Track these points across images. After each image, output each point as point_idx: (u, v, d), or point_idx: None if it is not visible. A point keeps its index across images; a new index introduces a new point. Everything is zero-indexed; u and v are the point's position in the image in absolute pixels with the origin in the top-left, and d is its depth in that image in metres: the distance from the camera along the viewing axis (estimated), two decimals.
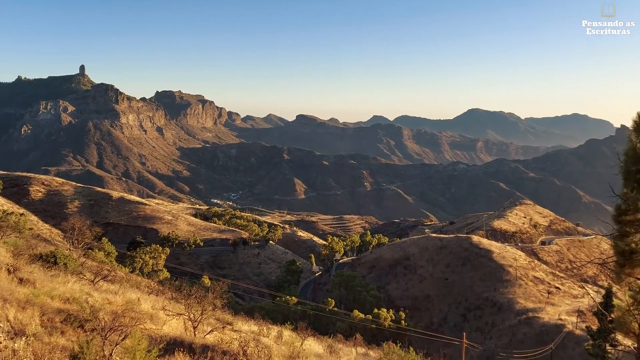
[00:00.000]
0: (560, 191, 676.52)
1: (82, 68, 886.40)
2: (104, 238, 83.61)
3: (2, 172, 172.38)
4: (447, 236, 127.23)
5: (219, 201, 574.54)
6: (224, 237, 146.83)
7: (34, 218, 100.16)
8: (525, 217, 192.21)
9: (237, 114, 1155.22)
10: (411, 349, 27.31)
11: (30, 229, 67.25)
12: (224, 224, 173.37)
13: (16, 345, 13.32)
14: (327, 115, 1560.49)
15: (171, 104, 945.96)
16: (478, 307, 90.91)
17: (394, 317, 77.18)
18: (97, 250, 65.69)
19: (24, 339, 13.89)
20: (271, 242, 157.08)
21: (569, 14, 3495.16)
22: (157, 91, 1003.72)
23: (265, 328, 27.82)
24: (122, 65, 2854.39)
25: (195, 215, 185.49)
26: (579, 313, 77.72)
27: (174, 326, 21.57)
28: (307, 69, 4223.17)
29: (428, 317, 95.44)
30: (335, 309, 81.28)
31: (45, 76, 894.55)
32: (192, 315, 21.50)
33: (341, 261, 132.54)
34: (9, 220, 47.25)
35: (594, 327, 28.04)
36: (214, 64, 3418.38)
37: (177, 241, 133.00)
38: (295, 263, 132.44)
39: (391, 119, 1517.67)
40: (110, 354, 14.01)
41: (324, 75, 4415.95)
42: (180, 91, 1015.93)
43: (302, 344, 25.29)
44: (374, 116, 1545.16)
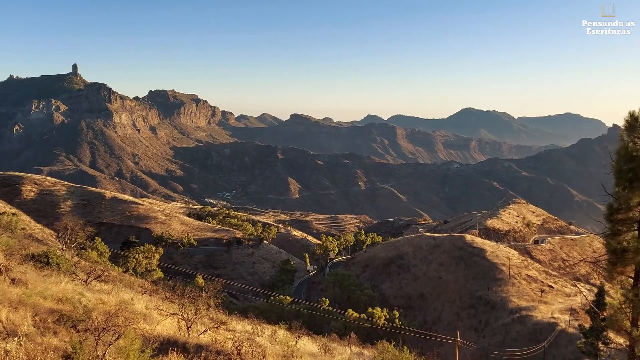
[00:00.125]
0: (553, 190, 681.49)
1: (74, 67, 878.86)
2: (97, 238, 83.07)
3: None
4: (440, 235, 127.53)
5: (212, 200, 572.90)
6: (217, 236, 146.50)
7: (26, 218, 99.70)
8: (519, 216, 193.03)
9: (231, 113, 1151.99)
10: (405, 347, 27.35)
11: (23, 228, 66.82)
12: (218, 224, 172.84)
13: (8, 345, 13.24)
14: (321, 114, 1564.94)
15: (164, 103, 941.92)
16: (471, 306, 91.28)
17: (388, 316, 77.39)
18: (90, 250, 65.45)
19: (17, 339, 13.82)
20: (265, 241, 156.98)
21: (564, 14, 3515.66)
22: (150, 90, 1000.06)
23: (259, 327, 27.77)
24: (115, 64, 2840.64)
25: (189, 215, 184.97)
26: (572, 311, 78.21)
27: (167, 326, 21.50)
28: (301, 68, 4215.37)
29: (422, 315, 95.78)
30: (330, 308, 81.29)
31: (37, 75, 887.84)
32: (185, 315, 21.44)
33: (335, 260, 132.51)
34: (0, 220, 46.95)
35: (586, 325, 28.22)
36: (207, 63, 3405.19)
37: (170, 241, 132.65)
38: (289, 262, 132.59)
39: (385, 118, 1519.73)
40: (104, 354, 13.96)
41: (318, 75, 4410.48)
42: (173, 90, 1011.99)
43: (296, 343, 25.28)
44: (368, 115, 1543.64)
